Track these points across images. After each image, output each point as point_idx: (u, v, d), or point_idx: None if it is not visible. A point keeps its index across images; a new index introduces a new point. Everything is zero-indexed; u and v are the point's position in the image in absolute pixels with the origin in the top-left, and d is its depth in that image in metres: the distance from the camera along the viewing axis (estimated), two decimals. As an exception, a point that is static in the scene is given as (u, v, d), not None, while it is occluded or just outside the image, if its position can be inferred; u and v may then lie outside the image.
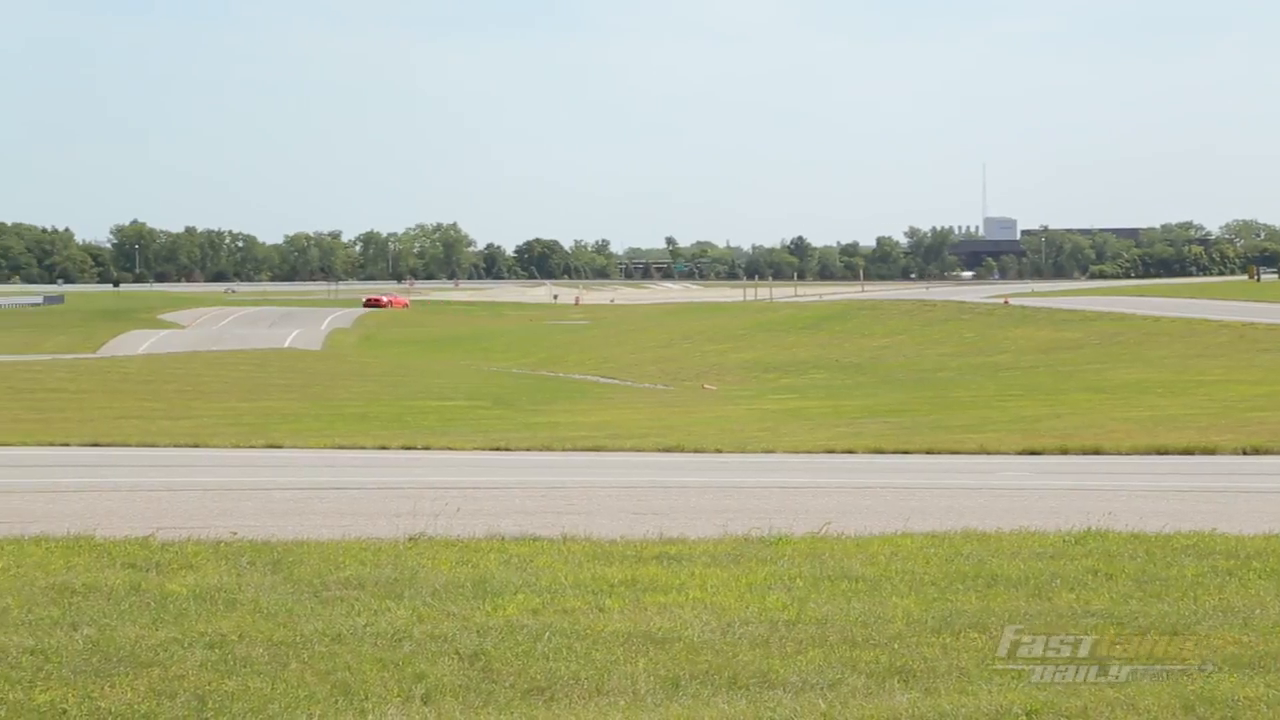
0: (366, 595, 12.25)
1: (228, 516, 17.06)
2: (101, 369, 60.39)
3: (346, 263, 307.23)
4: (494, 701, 9.60)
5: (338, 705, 9.41)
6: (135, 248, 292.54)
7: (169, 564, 13.37)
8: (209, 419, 37.26)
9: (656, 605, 12.07)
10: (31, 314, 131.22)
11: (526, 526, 16.05)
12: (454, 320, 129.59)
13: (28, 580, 12.51)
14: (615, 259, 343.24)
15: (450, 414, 41.75)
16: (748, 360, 78.23)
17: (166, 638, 10.74)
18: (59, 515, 16.77)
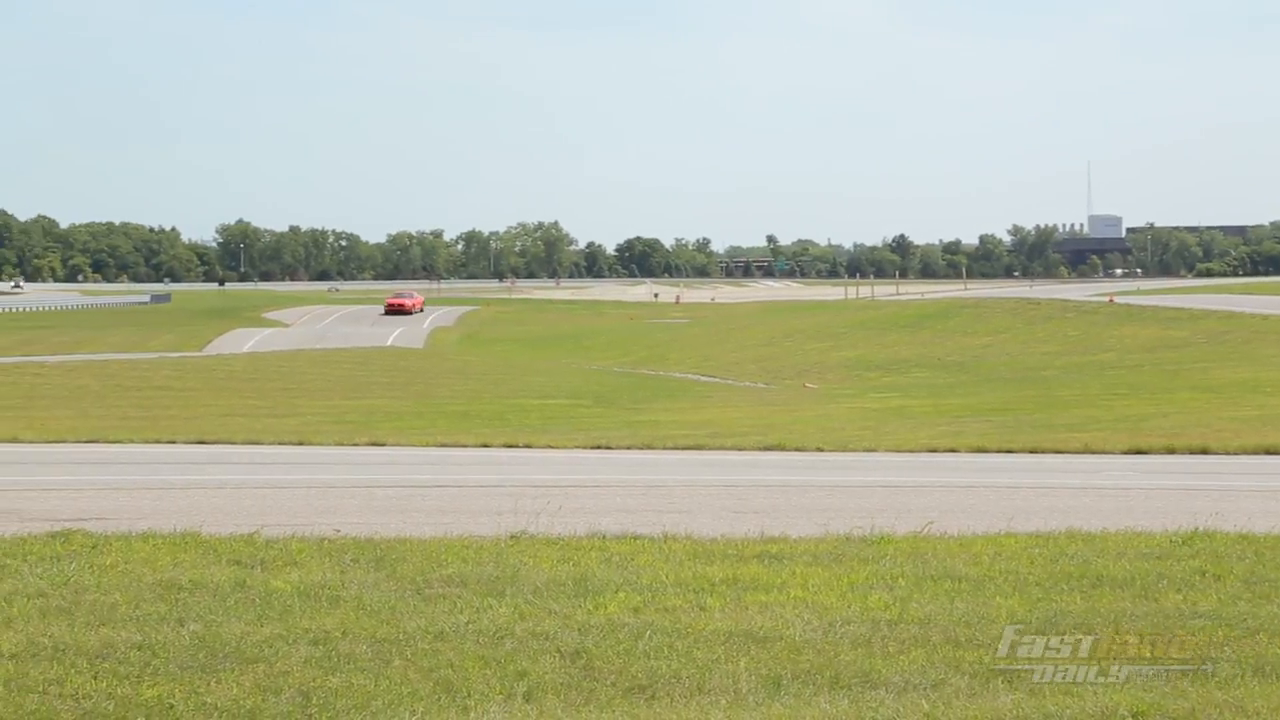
0: (469, 593, 12.29)
1: (331, 514, 17.17)
2: (207, 367, 60.99)
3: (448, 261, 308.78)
4: (595, 700, 9.60)
5: (440, 702, 9.45)
6: (240, 247, 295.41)
7: (274, 561, 13.47)
8: (312, 417, 37.54)
9: (758, 604, 12.04)
10: (139, 313, 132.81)
11: (627, 525, 16.05)
12: (555, 319, 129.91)
13: (135, 576, 12.65)
14: (716, 257, 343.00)
15: (551, 412, 41.85)
16: (849, 359, 77.94)
17: (271, 634, 10.82)
18: (166, 512, 16.95)
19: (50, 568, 12.92)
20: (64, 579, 12.46)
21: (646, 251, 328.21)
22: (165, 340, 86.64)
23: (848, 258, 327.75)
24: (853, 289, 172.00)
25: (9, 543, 14.08)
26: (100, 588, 12.15)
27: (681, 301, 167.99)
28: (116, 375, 53.69)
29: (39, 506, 17.80)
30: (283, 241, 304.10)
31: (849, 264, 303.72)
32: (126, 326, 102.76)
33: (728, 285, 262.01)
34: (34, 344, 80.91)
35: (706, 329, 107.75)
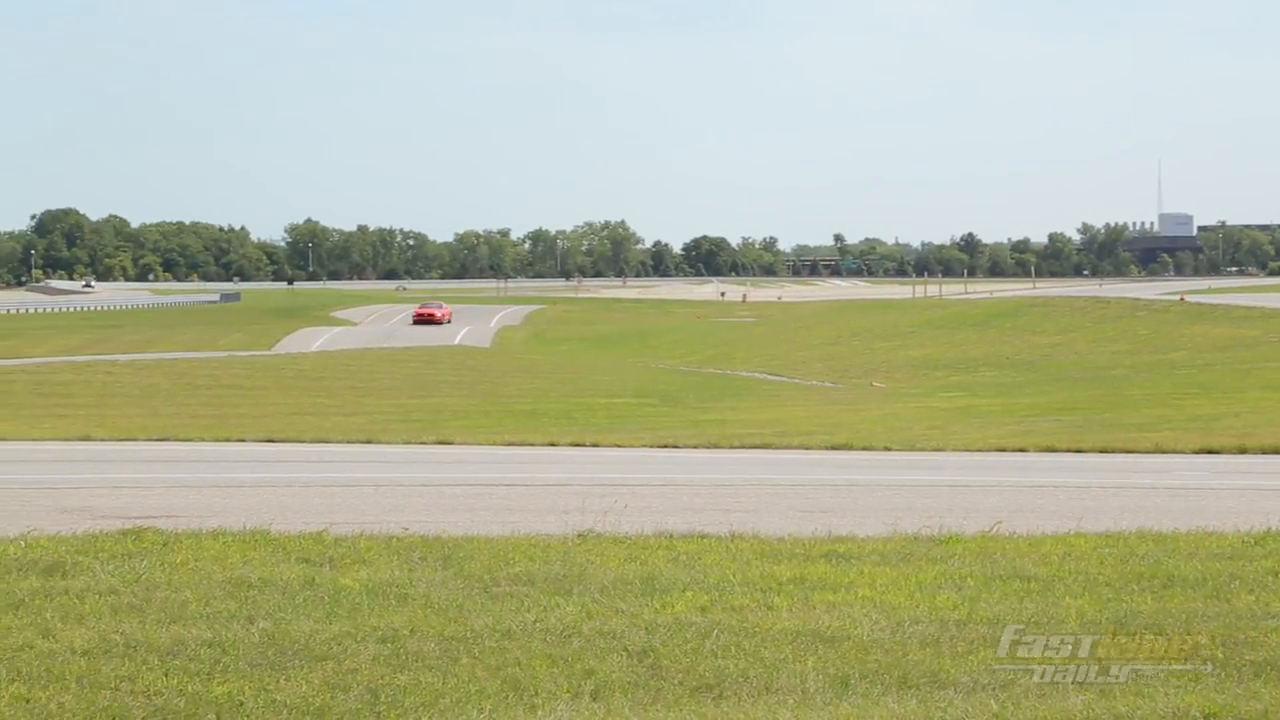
0: (536, 591, 12.30)
1: (399, 512, 17.23)
2: (276, 366, 61.32)
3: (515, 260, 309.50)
4: (662, 699, 9.59)
5: (508, 701, 9.46)
6: (309, 246, 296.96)
7: (342, 559, 13.52)
8: (380, 415, 37.70)
9: (825, 604, 12.00)
10: (208, 312, 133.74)
11: (694, 524, 16.04)
12: (621, 318, 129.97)
13: (205, 574, 12.72)
14: (782, 256, 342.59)
15: (618, 411, 41.88)
16: (917, 358, 77.65)
17: (340, 631, 10.86)
18: (236, 510, 17.05)
19: (122, 565, 13.01)
20: (135, 576, 12.55)
21: (713, 250, 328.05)
22: (235, 339, 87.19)
23: (915, 256, 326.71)
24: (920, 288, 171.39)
25: (81, 540, 14.19)
26: (171, 585, 12.23)
27: (748, 300, 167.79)
28: (186, 374, 54.05)
29: (110, 504, 17.94)
30: (351, 241, 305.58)
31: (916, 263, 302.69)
32: (196, 325, 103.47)
33: (794, 284, 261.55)
34: (105, 343, 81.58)
35: (773, 328, 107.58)
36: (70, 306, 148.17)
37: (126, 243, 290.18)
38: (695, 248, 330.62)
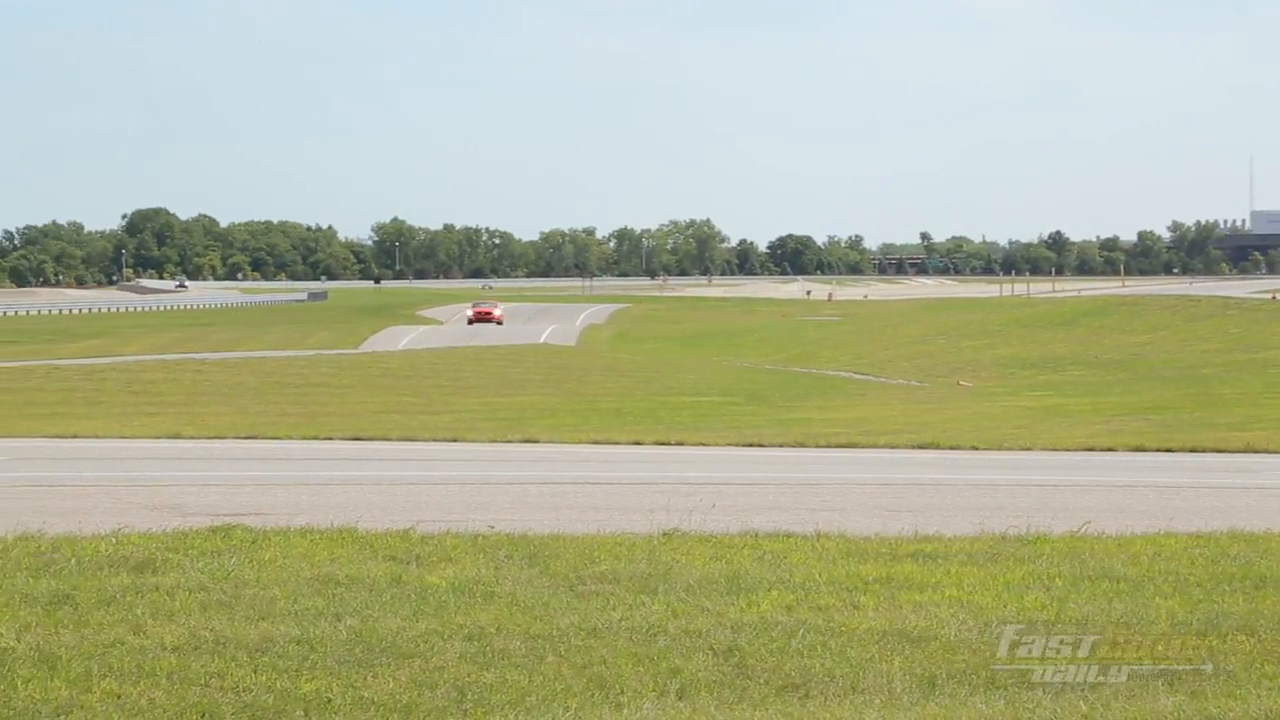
0: (621, 590, 12.30)
1: (485, 510, 17.28)
2: (363, 364, 61.66)
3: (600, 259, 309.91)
4: (748, 698, 9.58)
5: (594, 699, 9.47)
6: (395, 245, 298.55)
7: (429, 556, 13.57)
8: (466, 414, 37.82)
9: (912, 603, 11.95)
10: (296, 310, 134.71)
11: (780, 523, 16.00)
12: (707, 316, 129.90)
13: (293, 571, 12.80)
14: (868, 254, 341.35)
15: (703, 409, 41.84)
16: (1004, 356, 77.17)
17: (427, 629, 10.90)
18: (323, 508, 17.15)
19: (211, 562, 13.12)
20: (224, 573, 12.65)
21: (799, 249, 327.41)
22: (322, 338, 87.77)
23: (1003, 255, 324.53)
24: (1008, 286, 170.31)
25: (171, 537, 14.32)
26: (259, 582, 12.32)
27: (834, 299, 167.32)
28: (274, 372, 54.44)
29: (200, 501, 18.09)
30: (437, 240, 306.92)
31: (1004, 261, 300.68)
32: (284, 324, 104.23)
33: (881, 282, 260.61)
34: (195, 341, 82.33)
35: (859, 326, 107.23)
36: (160, 305, 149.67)
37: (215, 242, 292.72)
38: (781, 246, 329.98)
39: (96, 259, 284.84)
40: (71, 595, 11.69)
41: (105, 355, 65.71)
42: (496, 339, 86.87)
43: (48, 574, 12.51)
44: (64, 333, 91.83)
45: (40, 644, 10.29)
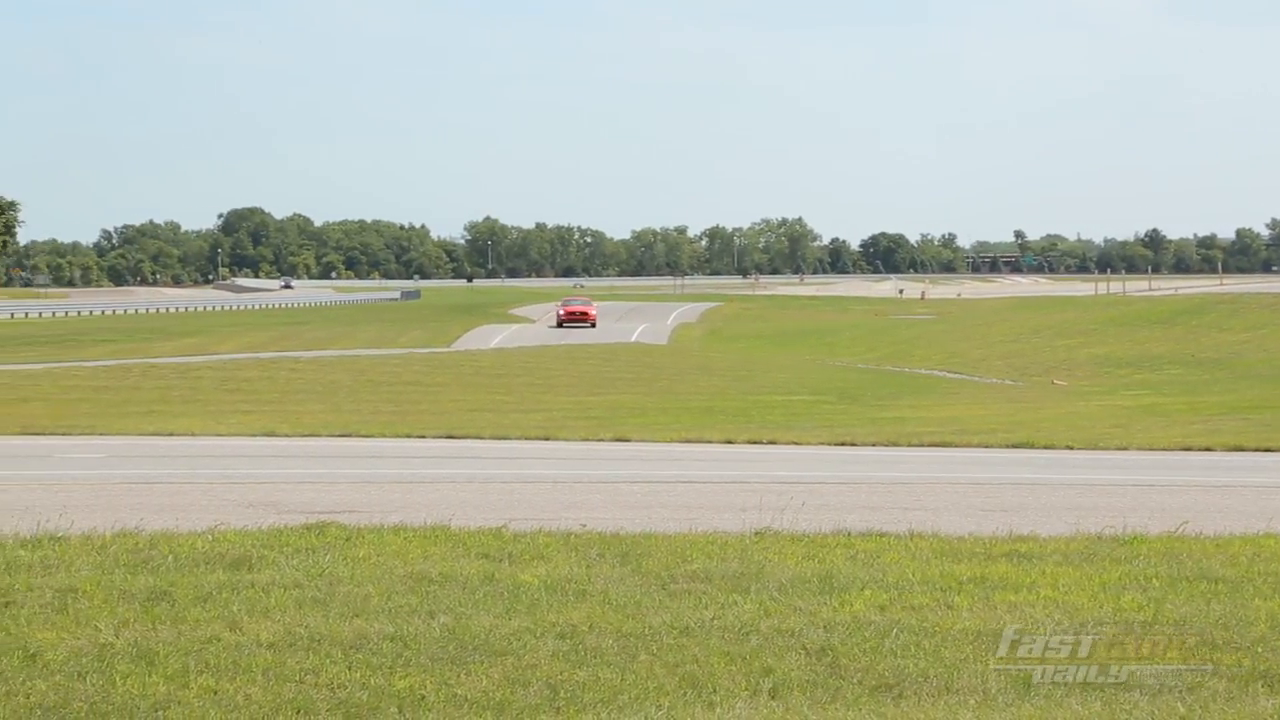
0: (713, 589, 12.29)
1: (577, 509, 17.31)
2: (455, 363, 61.85)
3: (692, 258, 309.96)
4: (841, 698, 9.54)
5: (686, 698, 9.46)
6: (488, 243, 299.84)
7: (521, 554, 13.61)
8: (558, 412, 37.88)
9: (1006, 603, 11.88)
10: (389, 309, 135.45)
11: (873, 522, 15.95)
12: (798, 315, 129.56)
13: (387, 569, 12.86)
14: (962, 253, 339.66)
15: (795, 409, 41.72)
16: (1099, 355, 76.47)
17: (519, 627, 10.93)
18: (416, 505, 17.24)
19: (306, 559, 13.21)
20: (319, 570, 12.73)
21: (891, 247, 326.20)
22: (415, 336, 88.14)
23: (1098, 253, 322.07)
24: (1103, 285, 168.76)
25: (267, 534, 14.43)
26: (354, 579, 12.39)
27: (927, 297, 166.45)
28: (368, 371, 54.72)
29: (295, 499, 18.23)
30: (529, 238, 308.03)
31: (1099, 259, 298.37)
32: (378, 323, 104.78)
33: (974, 281, 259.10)
34: (289, 340, 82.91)
35: (952, 325, 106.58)
36: (254, 304, 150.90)
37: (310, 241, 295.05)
38: (873, 244, 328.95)
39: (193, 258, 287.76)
40: (169, 592, 11.81)
41: (201, 354, 66.28)
42: (588, 338, 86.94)
43: (145, 570, 12.64)
44: (161, 331, 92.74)
45: (138, 640, 10.40)
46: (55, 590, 11.77)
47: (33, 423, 30.48)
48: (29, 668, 9.72)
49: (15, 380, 46.38)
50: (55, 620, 10.91)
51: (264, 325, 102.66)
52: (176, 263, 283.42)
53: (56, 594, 11.65)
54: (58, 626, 10.74)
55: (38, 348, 72.22)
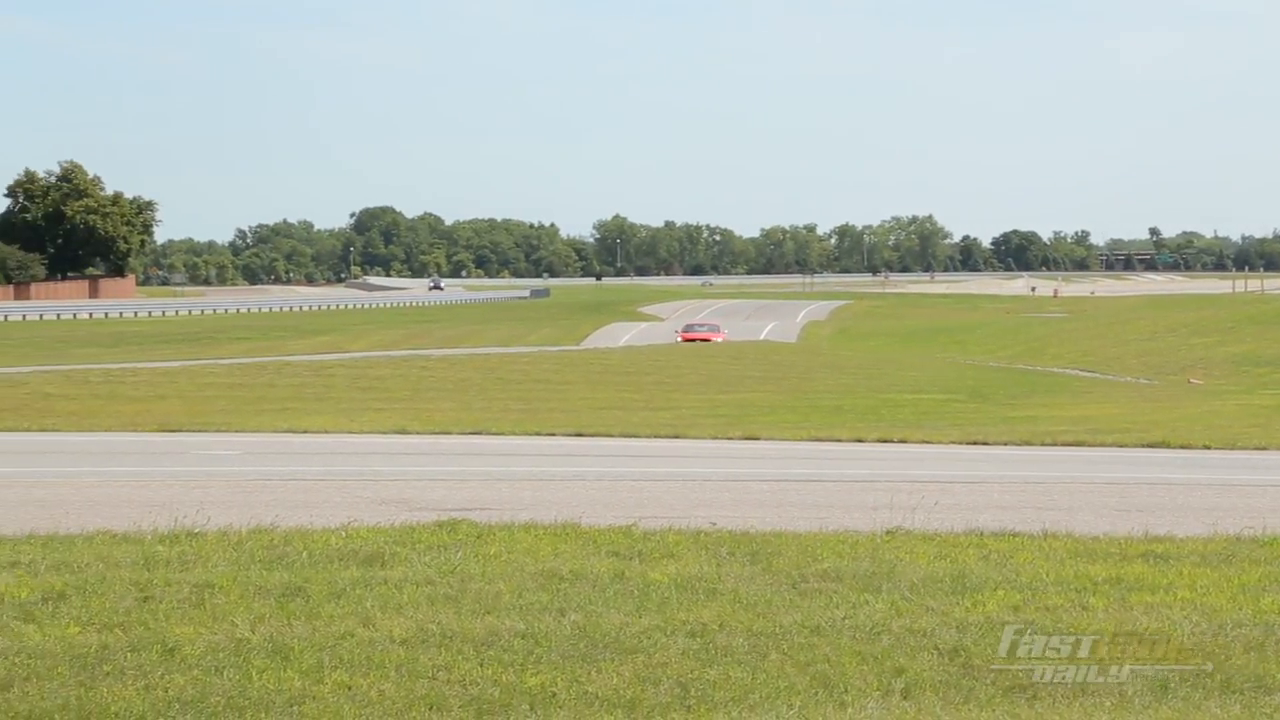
0: (844, 588, 12.23)
1: (707, 507, 17.28)
2: (584, 361, 62.07)
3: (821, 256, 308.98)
4: (975, 699, 9.46)
5: (817, 698, 9.42)
6: (616, 242, 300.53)
7: (651, 553, 13.61)
8: (687, 410, 37.88)
9: (1143, 605, 11.72)
10: (518, 307, 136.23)
11: (1005, 522, 15.81)
12: (929, 313, 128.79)
13: (518, 566, 12.91)
14: (1095, 250, 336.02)
15: (925, 407, 41.46)
16: (1236, 354, 75.32)
17: (649, 625, 10.93)
18: (547, 503, 17.29)
19: (437, 556, 13.28)
20: (450, 567, 12.80)
21: (1023, 245, 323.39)
22: (544, 334, 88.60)
23: (1235, 250, 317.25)
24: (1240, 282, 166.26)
25: (399, 531, 14.53)
26: (485, 576, 12.44)
27: (1060, 295, 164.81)
28: (498, 369, 55.02)
29: (426, 496, 18.35)
30: (658, 237, 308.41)
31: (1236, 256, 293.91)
32: (507, 321, 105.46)
33: (1108, 278, 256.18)
34: (420, 338, 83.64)
35: (1085, 323, 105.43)
36: (386, 302, 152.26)
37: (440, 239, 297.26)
38: (1005, 242, 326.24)
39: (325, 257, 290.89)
40: (303, 588, 11.92)
41: (334, 352, 67.00)
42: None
43: (280, 566, 12.78)
44: (294, 329, 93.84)
45: (274, 635, 10.51)
46: (193, 586, 11.92)
47: (170, 420, 30.93)
48: (167, 662, 9.85)
49: (153, 378, 47.09)
50: (193, 615, 11.06)
51: (395, 323, 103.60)
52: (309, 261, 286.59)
53: (194, 589, 11.80)
54: (195, 621, 10.87)
55: (174, 345, 73.37)
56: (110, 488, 19.01)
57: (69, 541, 13.77)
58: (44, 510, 16.34)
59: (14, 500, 17.38)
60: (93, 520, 15.29)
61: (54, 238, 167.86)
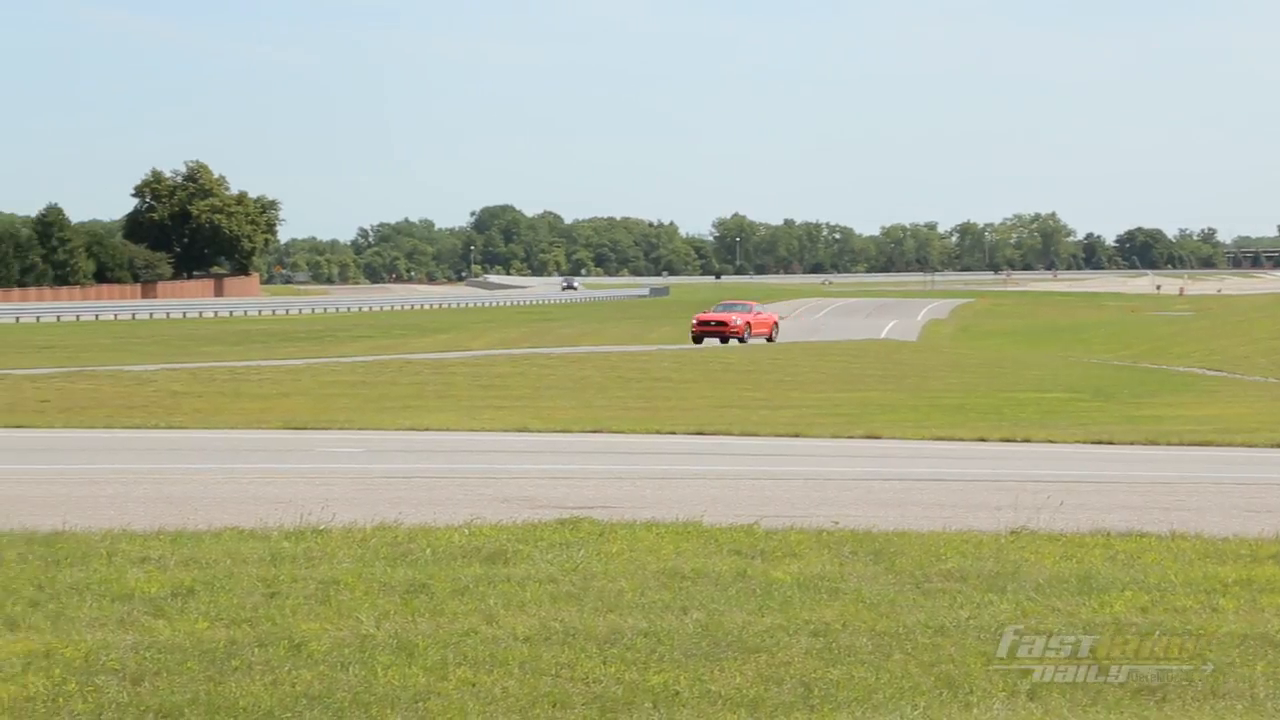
0: (968, 588, 12.14)
1: (829, 505, 17.20)
2: (703, 359, 61.99)
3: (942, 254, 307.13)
4: (1102, 700, 9.37)
5: (942, 698, 9.36)
6: (736, 240, 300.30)
7: (773, 551, 13.57)
8: (807, 409, 37.74)
9: (1274, 607, 11.56)
10: (638, 305, 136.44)
11: (1132, 522, 15.63)
12: (1051, 311, 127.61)
13: (640, 564, 12.92)
14: (1222, 248, 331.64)
15: (1049, 406, 41.05)
16: (1368, 352, 74.02)
17: (772, 624, 10.90)
18: (668, 501, 17.29)
19: (560, 554, 13.32)
20: (573, 565, 12.83)
21: (1148, 242, 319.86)
22: (663, 333, 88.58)
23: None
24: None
25: (521, 529, 14.59)
26: (607, 575, 12.46)
27: (1185, 293, 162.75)
28: (618, 367, 55.07)
29: (548, 494, 18.41)
30: (777, 235, 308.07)
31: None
32: (626, 319, 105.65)
33: (1235, 276, 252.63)
34: (539, 336, 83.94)
35: (1212, 322, 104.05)
36: (506, 301, 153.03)
37: (560, 238, 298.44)
38: (1129, 239, 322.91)
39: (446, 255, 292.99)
40: (427, 585, 11.99)
41: (454, 350, 67.38)
42: (835, 335, 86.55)
43: (404, 563, 12.86)
44: (415, 328, 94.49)
45: (398, 631, 10.58)
46: (318, 582, 12.03)
47: (294, 417, 31.22)
48: (294, 657, 9.95)
49: (277, 375, 47.59)
50: (319, 611, 11.16)
51: (515, 322, 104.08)
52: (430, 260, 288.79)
53: (319, 585, 11.91)
54: (321, 617, 10.97)
55: (298, 343, 74.12)
56: (237, 484, 19.24)
57: (197, 537, 13.94)
58: (172, 506, 16.56)
59: (143, 496, 17.62)
60: (220, 517, 15.47)
61: (180, 237, 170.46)
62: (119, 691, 9.24)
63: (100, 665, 9.75)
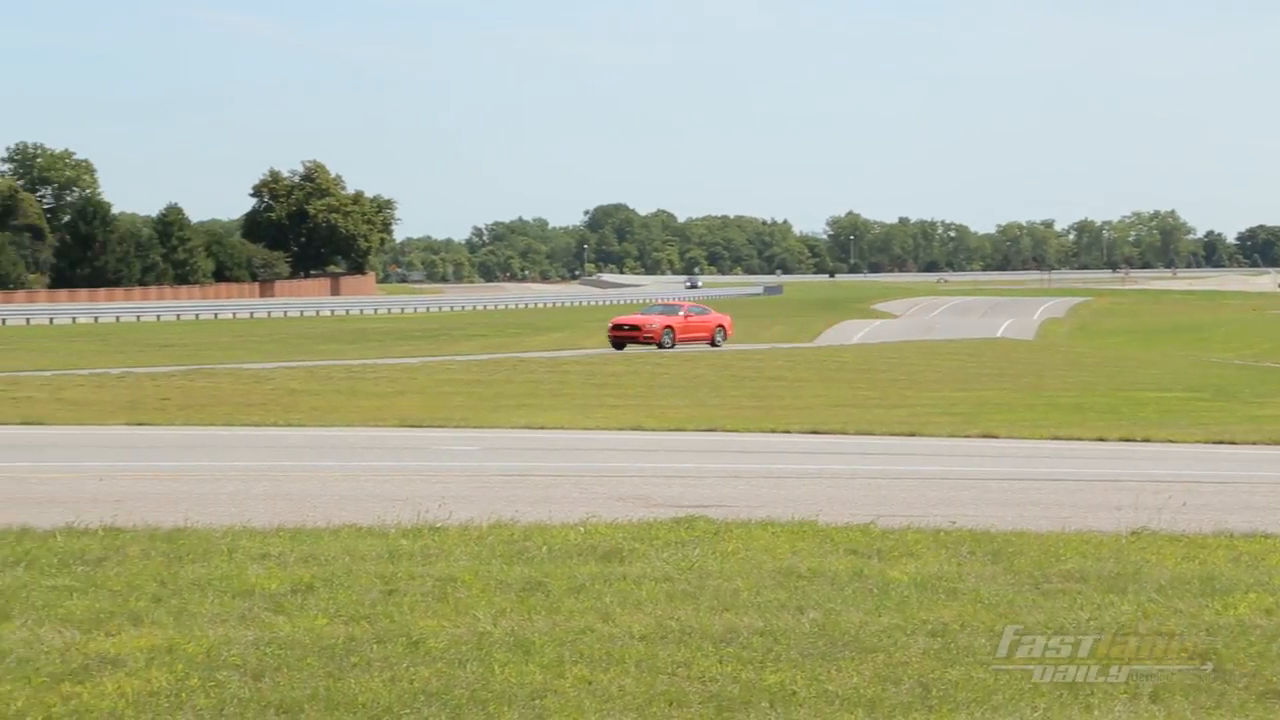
0: (1088, 589, 12.03)
1: (946, 505, 17.11)
2: (818, 358, 61.82)
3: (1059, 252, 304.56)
4: (1226, 703, 9.25)
5: (1062, 699, 9.30)
6: (850, 238, 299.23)
7: (890, 551, 13.51)
8: (922, 408, 37.52)
9: (1403, 611, 11.33)
10: (752, 304, 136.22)
11: (1257, 523, 15.43)
12: (1170, 310, 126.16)
13: (756, 563, 12.90)
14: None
15: (1168, 405, 40.57)
16: None
17: (889, 624, 10.85)
18: (783, 500, 17.26)
19: (675, 553, 13.32)
20: (689, 564, 12.83)
21: (1270, 240, 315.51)
22: (777, 331, 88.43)
23: None
24: None
25: (637, 527, 14.60)
26: (723, 573, 12.45)
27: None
28: (731, 365, 55.04)
29: (663, 493, 18.42)
30: (891, 233, 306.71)
31: None
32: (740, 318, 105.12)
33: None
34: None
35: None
36: (619, 299, 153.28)
37: (673, 237, 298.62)
38: (1251, 237, 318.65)
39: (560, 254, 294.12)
40: (543, 582, 12.03)
41: (568, 349, 67.57)
42: (950, 334, 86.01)
43: (521, 561, 12.91)
44: (529, 326, 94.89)
45: (515, 629, 10.62)
46: (435, 579, 12.09)
47: (410, 415, 31.42)
48: (412, 654, 10.00)
49: (393, 374, 47.94)
50: (436, 609, 11.22)
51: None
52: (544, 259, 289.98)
53: (437, 583, 11.97)
54: (438, 615, 11.03)
55: (413, 342, 74.60)
56: (354, 482, 19.40)
57: (316, 534, 14.06)
58: (291, 504, 16.71)
59: (263, 494, 17.80)
60: (338, 514, 15.61)
61: (297, 236, 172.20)
62: (240, 687, 9.34)
63: (222, 660, 9.86)
